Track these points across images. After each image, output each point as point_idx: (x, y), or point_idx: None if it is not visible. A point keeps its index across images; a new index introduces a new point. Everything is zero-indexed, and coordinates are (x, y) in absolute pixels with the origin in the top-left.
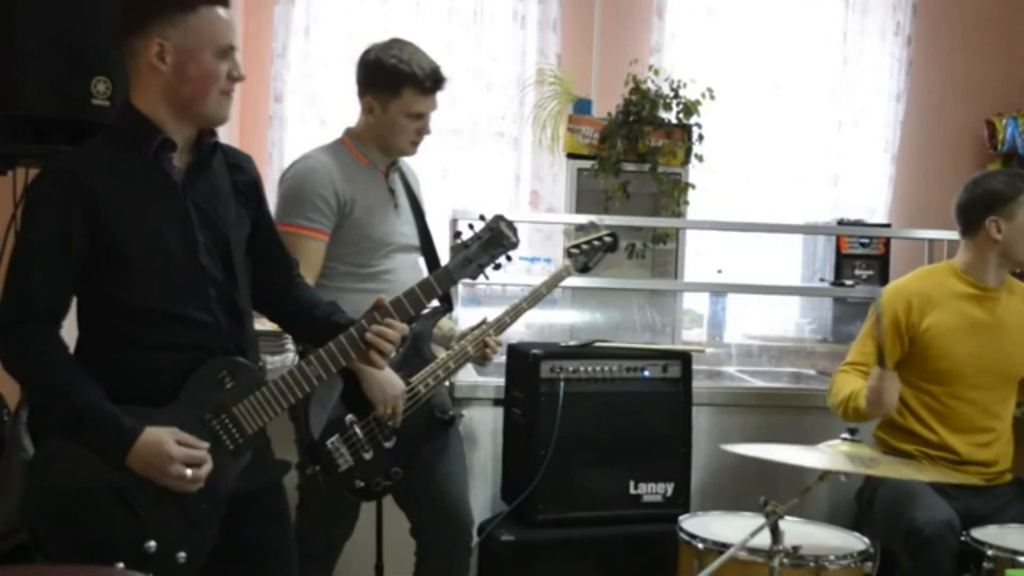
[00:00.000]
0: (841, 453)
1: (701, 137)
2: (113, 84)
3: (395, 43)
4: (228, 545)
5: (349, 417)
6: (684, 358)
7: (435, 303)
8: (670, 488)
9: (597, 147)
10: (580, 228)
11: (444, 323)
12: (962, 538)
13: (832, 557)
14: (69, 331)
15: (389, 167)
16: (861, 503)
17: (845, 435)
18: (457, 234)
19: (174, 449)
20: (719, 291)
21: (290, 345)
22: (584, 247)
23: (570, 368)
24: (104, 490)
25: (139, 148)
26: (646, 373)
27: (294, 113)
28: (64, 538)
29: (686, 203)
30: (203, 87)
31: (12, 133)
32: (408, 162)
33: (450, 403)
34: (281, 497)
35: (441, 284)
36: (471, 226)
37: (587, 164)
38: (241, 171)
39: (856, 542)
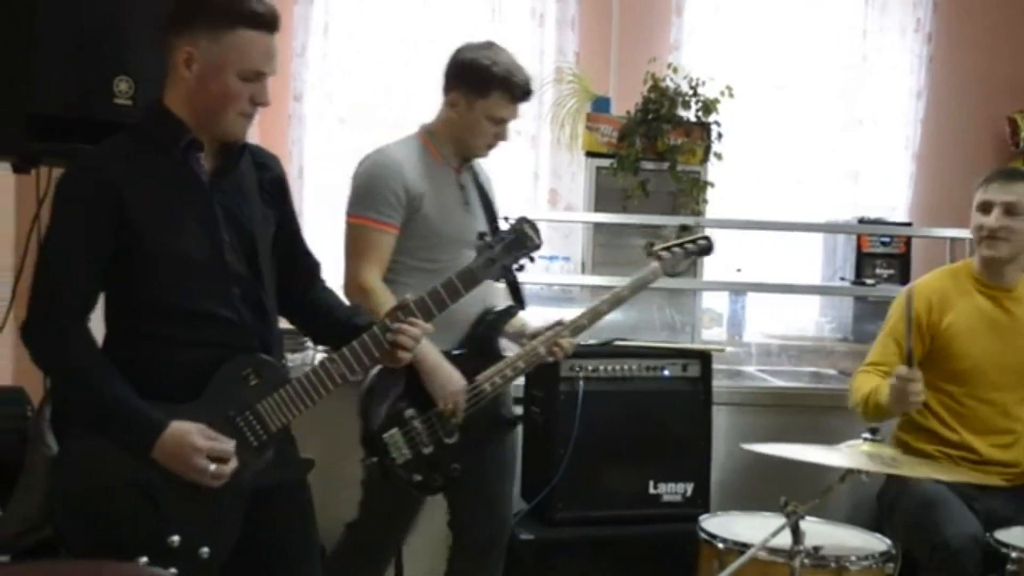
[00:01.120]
0: (862, 453)
1: (720, 135)
2: (135, 83)
3: (492, 46)
4: (250, 540)
5: (409, 411)
6: (704, 357)
7: (508, 301)
8: (690, 488)
9: (616, 145)
10: (684, 229)
11: (515, 320)
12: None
13: (853, 558)
14: (96, 327)
15: (461, 164)
16: (883, 505)
17: (866, 435)
18: (481, 235)
19: (199, 441)
20: (739, 290)
21: (310, 342)
22: (676, 250)
23: (589, 367)
24: (128, 485)
25: (167, 147)
26: (666, 372)
27: (313, 112)
28: (88, 533)
29: (705, 201)
30: (221, 104)
31: (35, 132)
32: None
33: (512, 403)
34: (305, 495)
35: (465, 284)
36: (495, 229)
37: (606, 162)
38: (267, 170)
39: (878, 543)
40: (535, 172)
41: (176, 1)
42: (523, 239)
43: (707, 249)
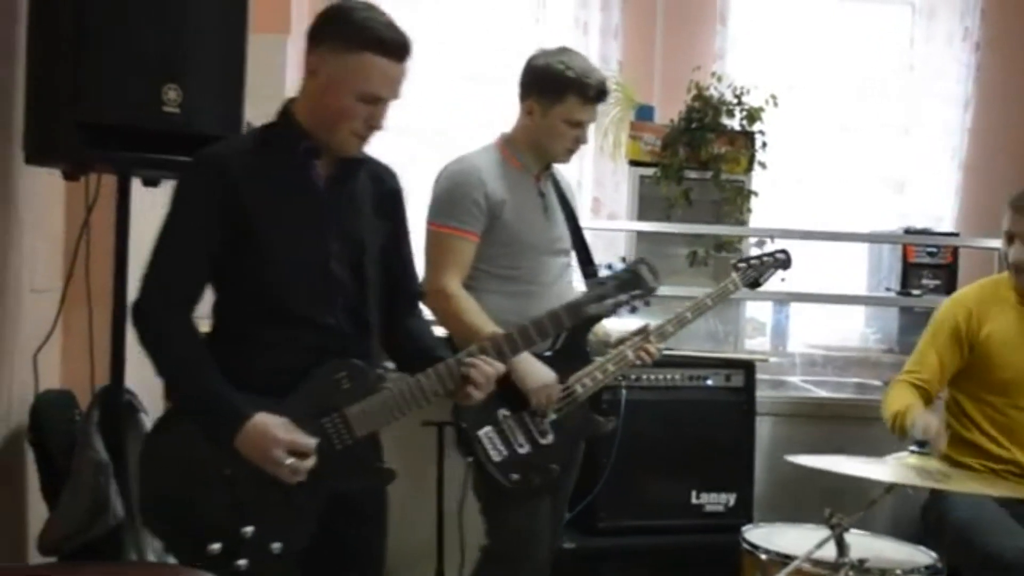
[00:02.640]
0: (909, 466)
1: (764, 144)
2: (183, 91)
3: (564, 51)
4: (322, 542)
5: (503, 411)
6: (747, 367)
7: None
8: (732, 498)
9: (659, 154)
10: (758, 244)
11: (598, 328)
12: None
13: (899, 571)
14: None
15: (541, 171)
16: (929, 519)
17: (913, 447)
18: (595, 271)
19: (280, 433)
20: (782, 300)
21: None
22: (754, 262)
23: (632, 376)
24: (209, 471)
25: (287, 150)
26: (709, 382)
27: None
28: (165, 513)
29: (749, 211)
30: (335, 120)
31: (84, 140)
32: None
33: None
34: (383, 505)
35: (570, 317)
36: (610, 266)
37: (649, 171)
38: (383, 183)
39: (923, 556)
40: (578, 180)
41: (318, 14)
42: (637, 280)
43: (785, 263)
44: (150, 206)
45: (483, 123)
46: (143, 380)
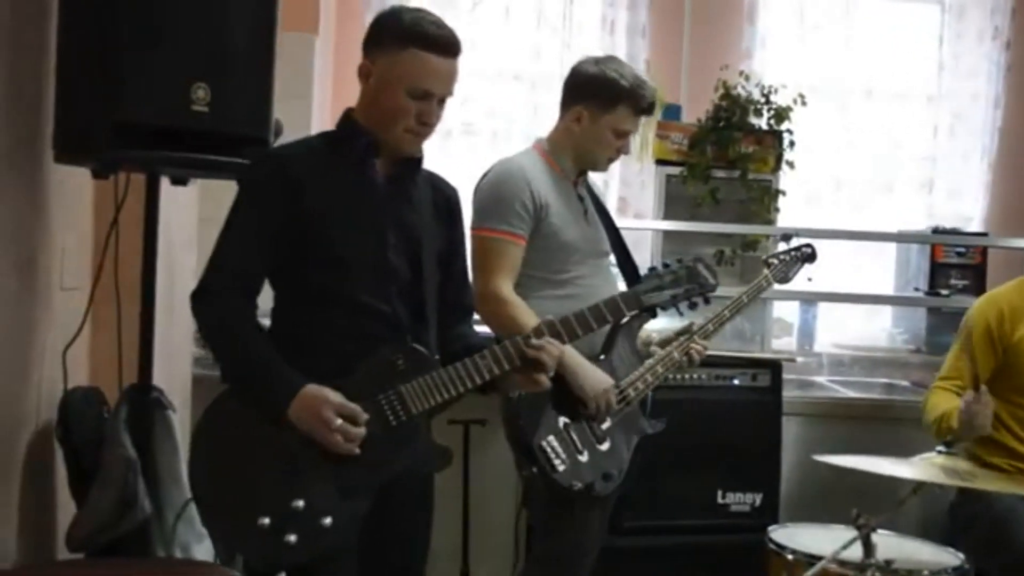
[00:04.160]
0: (936, 466)
1: (792, 143)
2: (212, 91)
3: (614, 59)
4: (373, 521)
5: (562, 419)
6: (774, 367)
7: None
8: (759, 498)
9: (686, 153)
10: (785, 238)
11: (640, 332)
12: None
13: (926, 572)
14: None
15: (578, 177)
16: (956, 520)
17: (940, 448)
18: (652, 268)
19: (331, 395)
20: (810, 299)
21: None
22: (783, 258)
23: None
24: (264, 445)
25: (347, 150)
26: (735, 381)
27: None
28: (214, 484)
29: (776, 210)
30: (388, 118)
31: (113, 138)
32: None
33: None
34: (431, 488)
35: (628, 305)
36: (667, 264)
37: (676, 170)
38: (441, 192)
39: (951, 558)
40: (605, 180)
41: (371, 22)
42: (694, 275)
43: (810, 256)
44: (178, 205)
45: (511, 121)
46: (171, 378)
